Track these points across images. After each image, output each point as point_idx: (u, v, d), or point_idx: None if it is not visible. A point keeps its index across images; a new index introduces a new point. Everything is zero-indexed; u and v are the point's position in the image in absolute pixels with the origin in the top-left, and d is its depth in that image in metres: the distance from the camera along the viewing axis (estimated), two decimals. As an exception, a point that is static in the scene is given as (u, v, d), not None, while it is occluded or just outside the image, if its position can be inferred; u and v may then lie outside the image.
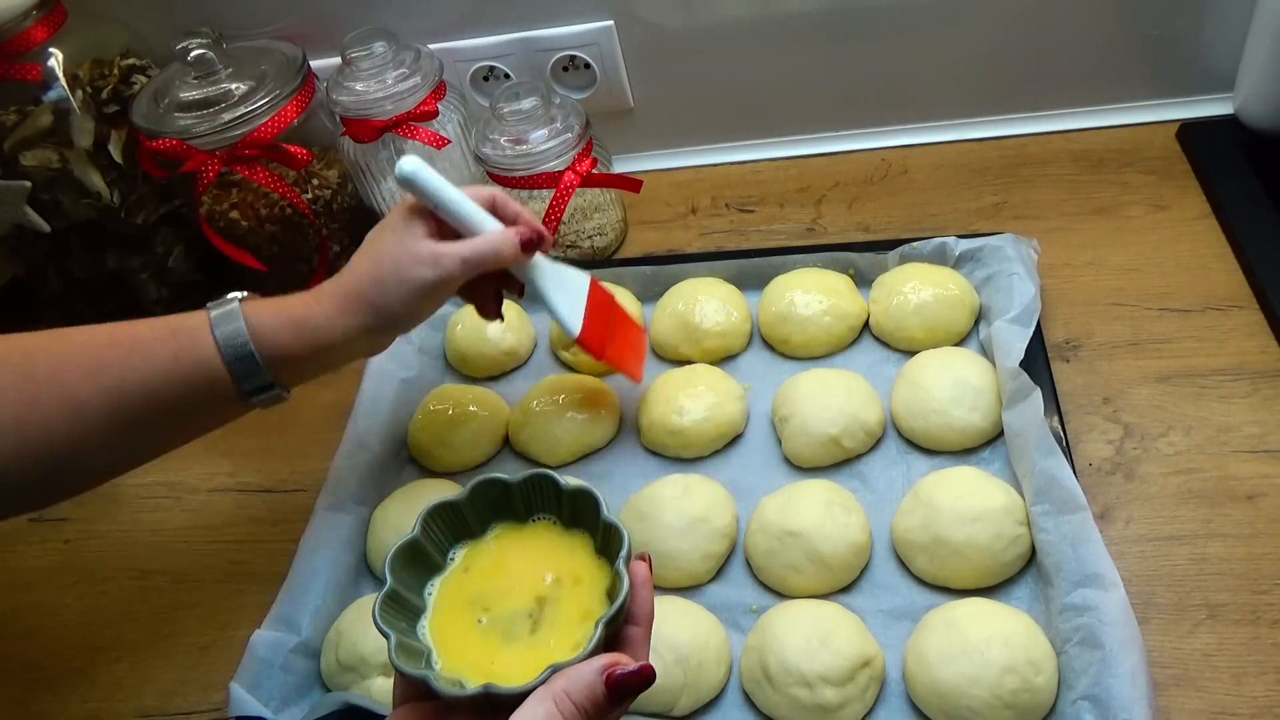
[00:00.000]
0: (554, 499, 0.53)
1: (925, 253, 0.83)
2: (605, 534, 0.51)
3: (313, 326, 0.62)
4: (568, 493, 0.52)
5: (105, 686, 0.73)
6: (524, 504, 0.54)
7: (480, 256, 0.65)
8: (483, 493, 0.53)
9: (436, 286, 0.64)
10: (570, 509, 0.53)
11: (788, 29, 0.96)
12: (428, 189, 0.64)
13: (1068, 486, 0.62)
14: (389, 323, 0.64)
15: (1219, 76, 0.93)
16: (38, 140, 0.89)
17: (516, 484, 0.53)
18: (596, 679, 0.43)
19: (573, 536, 0.53)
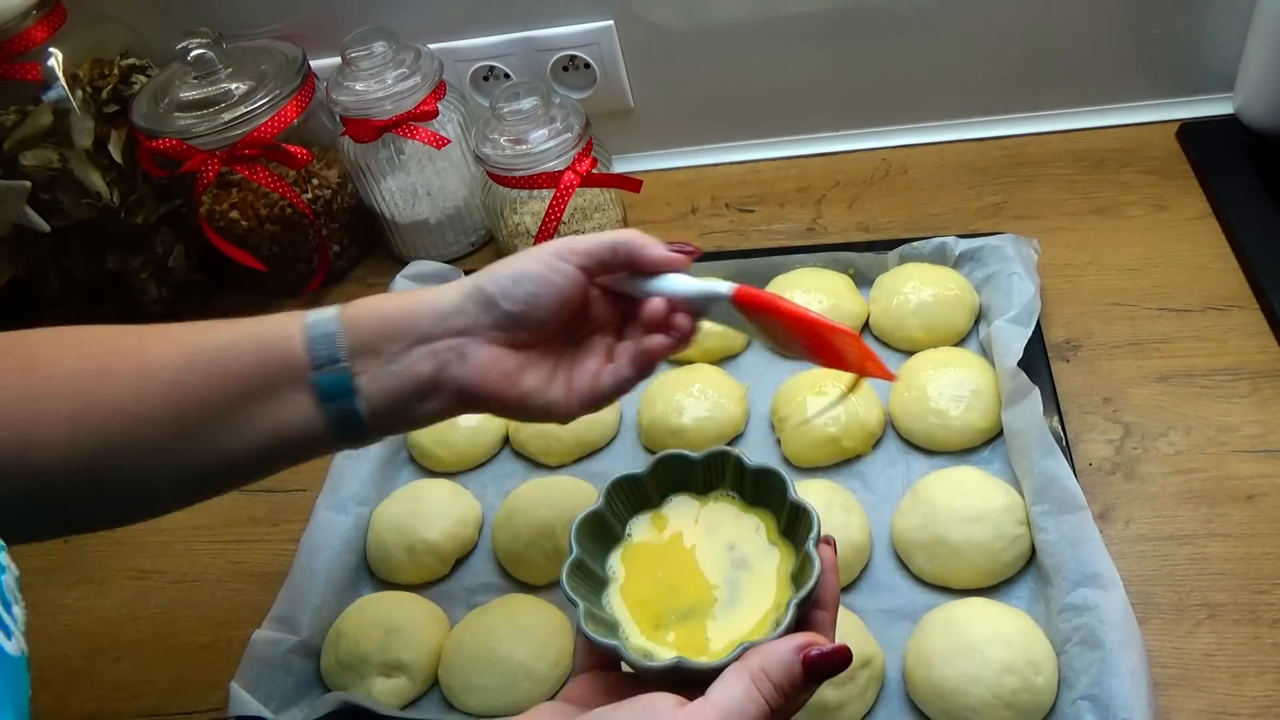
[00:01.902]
0: (736, 475, 0.53)
1: (925, 253, 0.83)
2: (792, 515, 0.50)
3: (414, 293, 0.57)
4: (751, 470, 0.52)
5: (105, 686, 0.73)
6: (705, 478, 0.54)
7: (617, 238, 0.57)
8: (664, 466, 0.53)
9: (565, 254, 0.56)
10: (753, 487, 0.53)
11: (788, 29, 0.96)
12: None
13: (1067, 486, 0.62)
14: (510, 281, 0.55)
15: (1219, 76, 0.93)
16: (38, 140, 0.89)
17: (699, 460, 0.53)
18: (794, 658, 0.42)
19: (754, 514, 0.52)
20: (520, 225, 0.94)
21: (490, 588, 0.72)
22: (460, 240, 1.02)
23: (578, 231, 0.94)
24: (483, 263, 0.99)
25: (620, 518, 0.53)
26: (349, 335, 0.54)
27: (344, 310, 0.55)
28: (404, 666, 0.66)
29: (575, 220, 0.94)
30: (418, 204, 0.98)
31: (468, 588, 0.72)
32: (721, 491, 0.54)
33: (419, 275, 0.91)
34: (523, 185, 0.89)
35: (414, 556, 0.72)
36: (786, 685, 0.42)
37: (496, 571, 0.73)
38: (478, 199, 0.98)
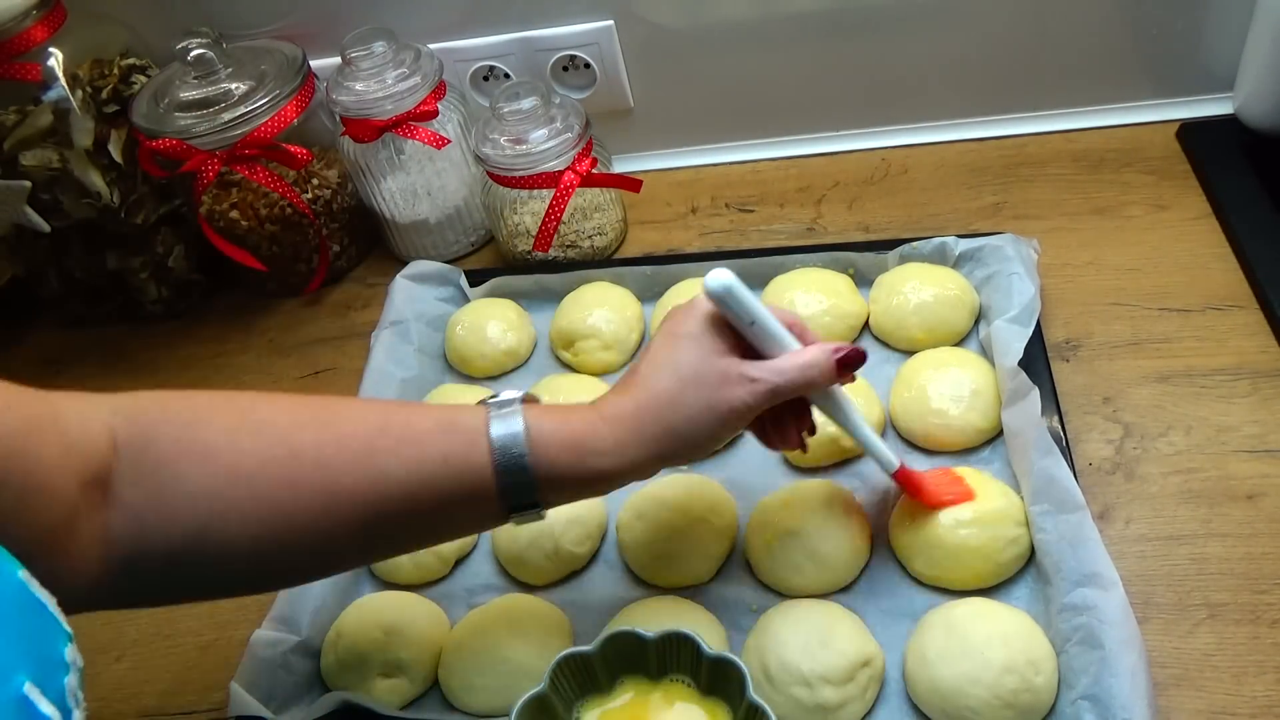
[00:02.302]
0: (693, 661, 0.51)
1: (925, 252, 0.83)
2: (749, 713, 0.49)
3: (596, 451, 0.54)
4: (709, 660, 0.51)
5: (105, 686, 0.73)
6: (658, 661, 0.52)
7: (794, 380, 0.56)
8: (615, 645, 0.52)
9: (742, 411, 0.55)
10: (709, 676, 0.51)
11: (788, 29, 0.96)
12: (745, 304, 0.56)
13: (1067, 486, 0.62)
14: (682, 451, 0.56)
15: (1219, 76, 0.93)
16: (38, 140, 0.89)
17: (653, 640, 0.51)
18: None
19: (710, 704, 0.51)
20: (520, 225, 0.94)
21: (490, 588, 0.72)
22: (460, 240, 1.02)
23: (578, 231, 0.94)
24: (482, 263, 1.01)
25: (566, 701, 0.52)
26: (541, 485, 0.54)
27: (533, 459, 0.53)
28: (404, 666, 0.66)
29: (575, 220, 0.94)
30: (418, 204, 0.98)
31: (468, 588, 0.72)
32: (677, 677, 0.52)
33: (419, 275, 0.91)
34: (523, 185, 0.89)
35: (414, 556, 0.72)
36: None
37: (496, 571, 0.73)
38: (478, 199, 0.98)
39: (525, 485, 0.54)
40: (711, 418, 0.55)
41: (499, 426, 0.54)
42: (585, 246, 0.95)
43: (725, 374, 0.55)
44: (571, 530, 0.70)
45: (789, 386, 0.56)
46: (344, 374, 0.91)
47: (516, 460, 0.53)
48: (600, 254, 0.96)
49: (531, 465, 0.53)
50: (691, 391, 0.55)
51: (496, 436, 0.53)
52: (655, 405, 0.55)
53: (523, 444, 0.53)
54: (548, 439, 0.54)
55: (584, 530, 0.71)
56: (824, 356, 0.57)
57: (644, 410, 0.55)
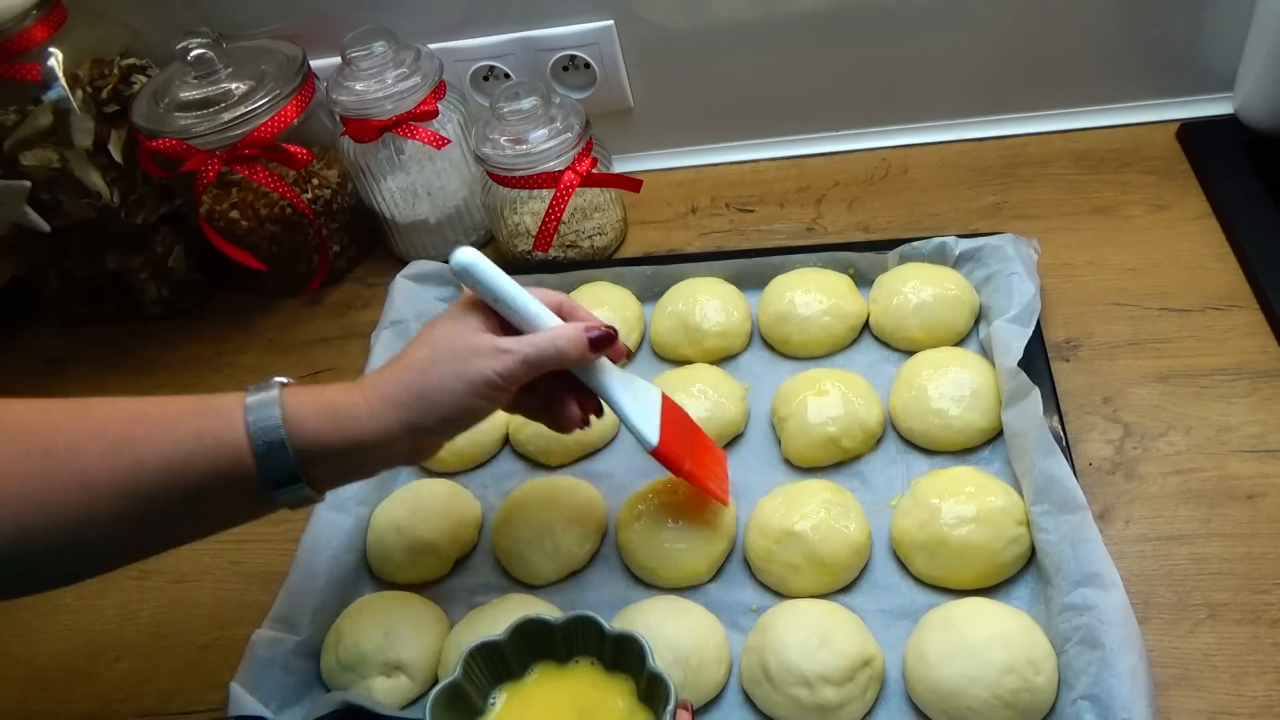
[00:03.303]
0: (597, 641, 0.53)
1: (925, 252, 0.83)
2: (650, 682, 0.50)
3: (351, 416, 0.56)
4: (611, 637, 0.52)
5: (105, 686, 0.73)
6: (565, 645, 0.54)
7: (545, 351, 0.59)
8: (524, 633, 0.53)
9: (496, 383, 0.58)
10: (613, 652, 0.53)
11: (788, 29, 0.96)
12: (485, 280, 0.60)
13: (1067, 486, 0.62)
14: (439, 421, 0.58)
15: (1219, 76, 0.93)
16: (38, 140, 0.89)
17: (559, 625, 0.53)
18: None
19: (614, 680, 0.52)
20: (520, 225, 0.94)
21: (490, 588, 0.72)
22: (460, 240, 1.02)
23: (578, 231, 0.94)
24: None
25: (480, 689, 0.53)
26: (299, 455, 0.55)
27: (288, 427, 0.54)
28: (404, 666, 0.66)
29: (575, 220, 0.94)
30: (418, 204, 0.98)
31: (468, 588, 0.72)
32: (583, 658, 0.54)
33: (419, 275, 0.91)
34: (523, 185, 0.89)
35: (414, 556, 0.72)
36: None
37: (496, 571, 0.73)
38: (478, 199, 0.98)
39: (282, 454, 0.54)
40: (461, 385, 0.57)
41: (254, 399, 0.55)
42: (585, 246, 0.95)
43: (477, 346, 0.58)
44: (571, 530, 0.70)
45: (538, 358, 0.59)
46: (344, 374, 0.91)
47: (272, 430, 0.54)
48: (600, 254, 0.96)
49: (288, 433, 0.54)
50: (444, 362, 0.58)
51: (251, 407, 0.54)
52: (408, 374, 0.58)
53: (277, 414, 0.54)
54: (304, 409, 0.55)
55: (584, 530, 0.71)
56: (574, 332, 0.61)
57: (398, 379, 0.58)
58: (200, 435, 0.54)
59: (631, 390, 0.66)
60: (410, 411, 0.57)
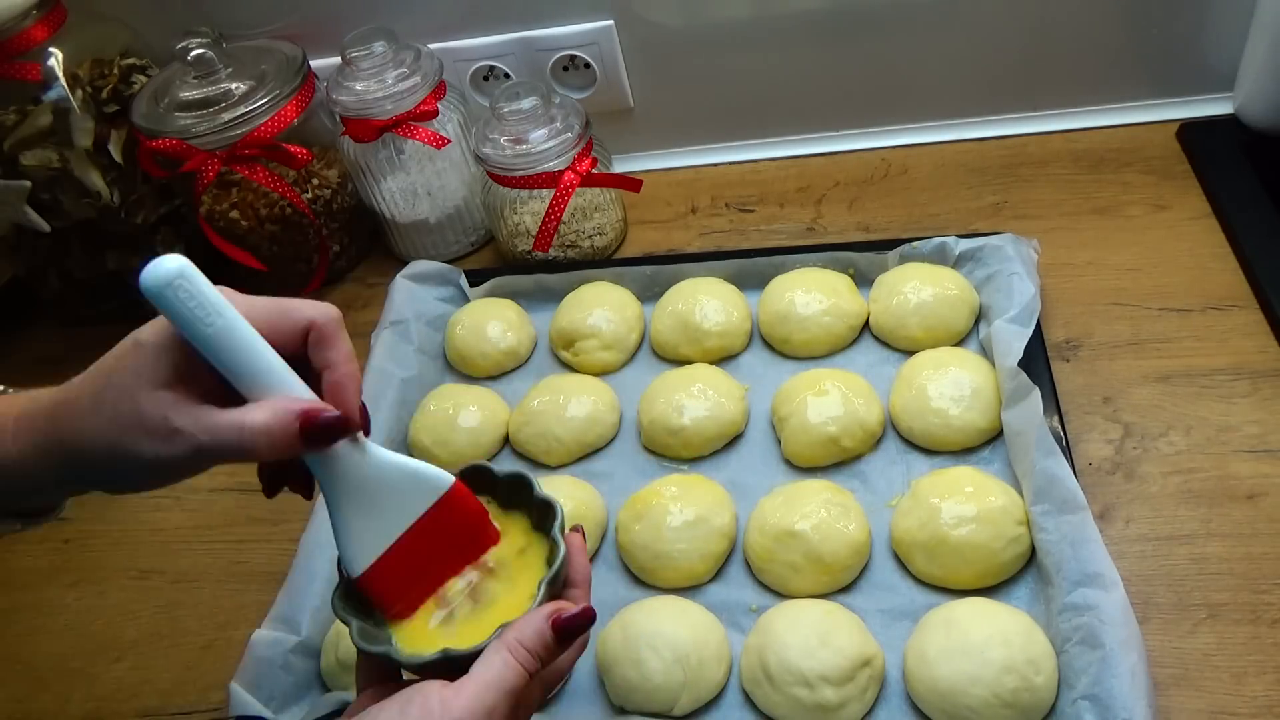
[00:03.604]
0: (490, 484, 0.55)
1: (925, 252, 0.83)
2: (540, 511, 0.53)
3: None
4: (503, 478, 0.55)
5: (105, 686, 0.73)
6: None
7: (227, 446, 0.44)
8: None
9: (154, 466, 0.45)
10: (506, 492, 0.55)
11: (788, 29, 0.96)
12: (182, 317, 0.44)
13: (1068, 486, 0.62)
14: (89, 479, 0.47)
15: (1219, 76, 0.93)
16: (38, 140, 0.89)
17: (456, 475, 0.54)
18: (544, 624, 0.47)
19: (510, 517, 0.55)
20: (520, 225, 0.94)
21: (490, 588, 0.72)
22: (460, 240, 1.02)
23: (578, 231, 0.94)
24: (482, 263, 1.01)
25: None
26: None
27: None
28: (404, 666, 0.66)
29: (575, 220, 0.94)
30: (418, 204, 0.98)
31: (468, 588, 0.72)
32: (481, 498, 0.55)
33: (419, 275, 0.91)
34: (523, 185, 0.89)
35: (414, 556, 0.72)
36: (540, 649, 0.47)
37: (496, 571, 0.73)
38: (478, 199, 0.98)
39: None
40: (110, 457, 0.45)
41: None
42: (585, 246, 0.95)
43: (146, 418, 0.44)
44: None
45: (219, 452, 0.44)
46: (344, 374, 0.91)
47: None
48: (600, 254, 0.96)
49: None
50: (102, 421, 0.45)
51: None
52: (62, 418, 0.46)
53: None
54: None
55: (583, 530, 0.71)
56: (274, 420, 0.45)
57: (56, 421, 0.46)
58: None
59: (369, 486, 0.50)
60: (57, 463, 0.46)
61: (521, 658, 0.46)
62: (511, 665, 0.45)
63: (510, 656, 0.46)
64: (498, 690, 0.45)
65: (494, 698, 0.44)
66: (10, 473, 0.47)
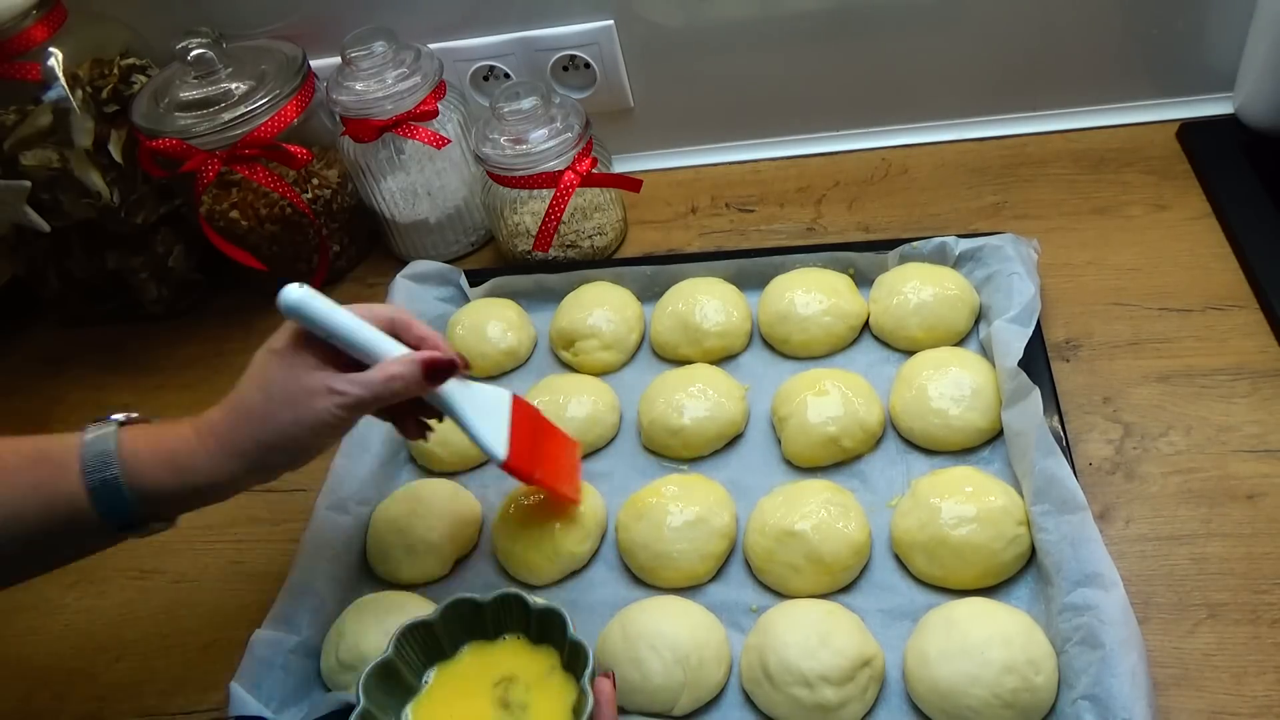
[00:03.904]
0: (522, 617, 0.57)
1: (925, 252, 0.83)
2: (572, 651, 0.54)
3: (193, 468, 0.57)
4: (536, 611, 0.56)
5: (105, 686, 0.73)
6: (494, 623, 0.58)
7: (379, 391, 0.58)
8: (454, 612, 0.57)
9: (332, 423, 0.58)
10: (538, 626, 0.56)
11: (788, 29, 0.96)
12: (316, 318, 0.58)
13: (1068, 486, 0.62)
14: (279, 461, 0.59)
15: (1219, 76, 0.93)
16: (38, 140, 0.89)
17: (487, 603, 0.57)
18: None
19: (540, 652, 0.57)
20: (520, 225, 0.94)
21: (490, 588, 0.71)
22: (460, 240, 1.02)
23: (578, 231, 0.94)
24: (482, 263, 1.01)
25: (413, 668, 0.57)
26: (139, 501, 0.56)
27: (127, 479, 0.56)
28: (404, 666, 0.66)
29: (575, 220, 0.94)
30: (418, 204, 0.98)
31: (468, 588, 0.72)
32: (510, 634, 0.58)
33: (419, 275, 0.91)
34: (523, 185, 0.89)
35: (414, 556, 0.72)
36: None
37: (496, 571, 0.73)
38: (478, 199, 0.98)
39: (123, 506, 0.56)
40: (300, 430, 0.57)
41: (91, 451, 0.55)
42: (585, 246, 0.95)
43: (311, 389, 0.57)
44: (571, 530, 0.70)
45: (374, 398, 0.58)
46: (344, 374, 0.91)
47: (110, 484, 0.55)
48: (600, 254, 0.96)
49: (127, 486, 0.55)
50: (278, 407, 0.57)
51: (88, 461, 0.55)
52: (247, 421, 0.57)
53: (115, 467, 0.55)
54: (143, 457, 0.56)
55: (584, 530, 0.71)
56: (410, 368, 0.59)
57: (237, 426, 0.57)
58: (36, 487, 0.55)
59: (476, 403, 0.64)
60: (252, 460, 0.58)
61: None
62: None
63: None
64: None
65: None
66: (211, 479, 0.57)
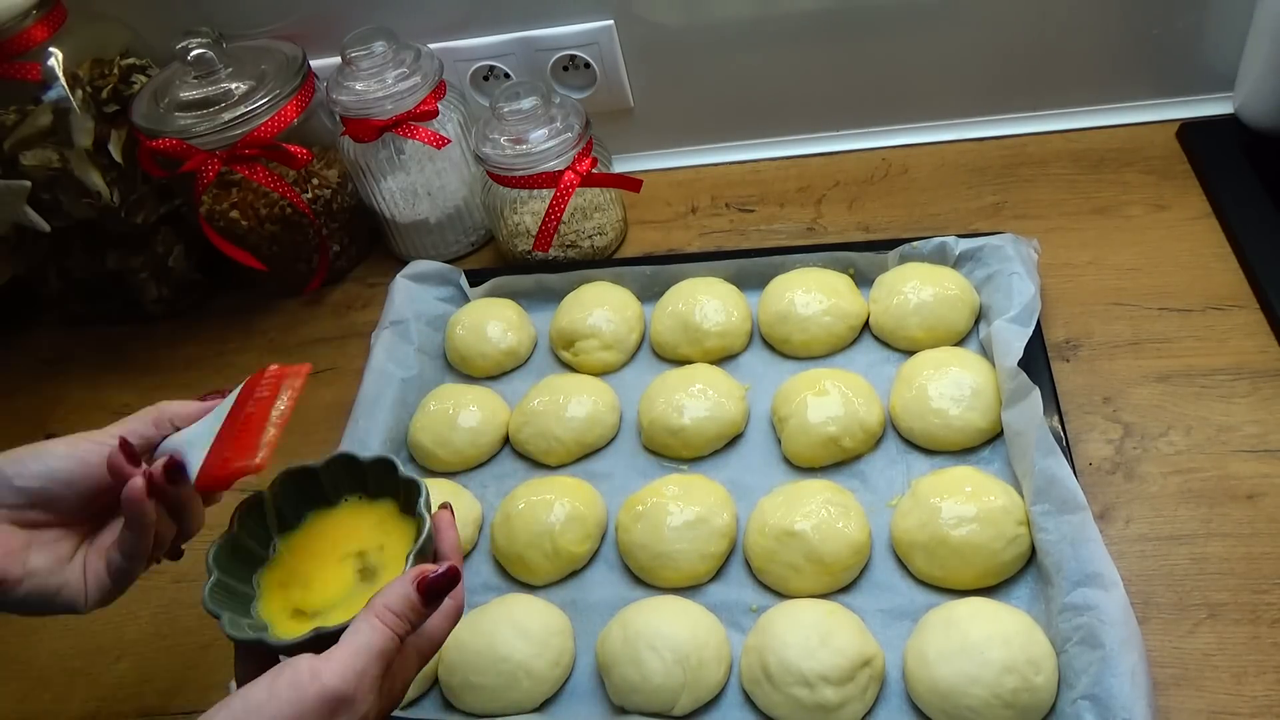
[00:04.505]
0: (358, 476, 0.57)
1: (925, 252, 0.83)
2: (406, 491, 0.55)
3: None
4: (367, 464, 0.57)
5: (105, 686, 0.73)
6: (332, 487, 0.58)
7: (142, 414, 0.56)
8: (291, 481, 0.57)
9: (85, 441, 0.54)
10: (374, 479, 0.57)
11: (788, 29, 0.96)
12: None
13: (1068, 486, 0.62)
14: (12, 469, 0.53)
15: (1219, 76, 0.93)
16: (38, 140, 0.89)
17: (320, 467, 0.57)
18: (409, 587, 0.48)
19: (378, 505, 0.57)
20: (520, 225, 0.94)
21: (490, 588, 0.72)
22: (460, 240, 1.02)
23: (578, 231, 0.94)
24: (482, 263, 1.01)
25: (260, 540, 0.57)
26: None
27: None
28: (404, 666, 0.66)
29: (575, 220, 0.94)
30: (418, 204, 0.98)
31: (467, 587, 0.72)
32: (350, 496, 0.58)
33: (419, 275, 0.91)
34: (523, 185, 0.89)
35: (414, 556, 0.72)
36: (408, 611, 0.48)
37: (496, 571, 0.73)
38: (478, 199, 0.98)
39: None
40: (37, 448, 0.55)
41: None
42: (585, 246, 0.95)
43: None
44: (571, 530, 0.70)
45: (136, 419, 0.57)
46: (344, 374, 0.91)
47: None
48: (600, 254, 0.96)
49: None
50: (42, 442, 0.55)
51: None
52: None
53: None
54: None
55: (584, 530, 0.71)
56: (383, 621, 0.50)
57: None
58: None
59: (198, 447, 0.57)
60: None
61: (389, 620, 0.47)
62: (379, 629, 0.46)
63: (377, 620, 0.47)
64: (367, 654, 0.46)
65: (364, 662, 0.45)
66: None
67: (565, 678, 0.65)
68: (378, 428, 0.80)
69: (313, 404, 0.85)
